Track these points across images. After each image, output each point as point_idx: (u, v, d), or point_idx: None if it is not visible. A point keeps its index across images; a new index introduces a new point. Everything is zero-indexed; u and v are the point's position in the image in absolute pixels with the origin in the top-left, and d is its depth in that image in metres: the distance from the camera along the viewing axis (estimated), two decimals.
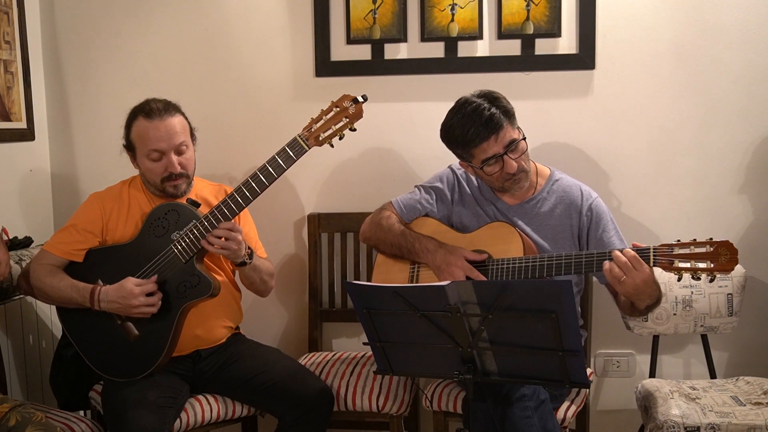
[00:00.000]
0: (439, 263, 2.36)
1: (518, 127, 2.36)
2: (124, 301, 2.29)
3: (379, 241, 2.55)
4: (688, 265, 2.03)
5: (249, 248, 2.41)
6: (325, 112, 2.32)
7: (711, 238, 2.03)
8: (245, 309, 2.71)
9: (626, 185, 2.82)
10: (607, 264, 2.11)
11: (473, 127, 2.28)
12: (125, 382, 2.34)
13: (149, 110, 2.40)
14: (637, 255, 2.07)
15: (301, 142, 2.32)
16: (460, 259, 2.33)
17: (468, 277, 2.29)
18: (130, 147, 2.45)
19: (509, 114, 2.32)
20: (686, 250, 2.04)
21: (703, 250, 2.02)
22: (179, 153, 2.41)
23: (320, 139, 2.31)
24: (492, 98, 2.31)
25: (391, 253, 2.52)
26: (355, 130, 2.32)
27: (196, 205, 2.38)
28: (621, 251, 2.09)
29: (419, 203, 2.56)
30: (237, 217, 2.38)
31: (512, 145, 2.31)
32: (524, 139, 2.35)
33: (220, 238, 2.30)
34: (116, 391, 2.33)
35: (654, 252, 2.08)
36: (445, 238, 2.44)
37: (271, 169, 2.32)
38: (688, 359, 2.89)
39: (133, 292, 2.28)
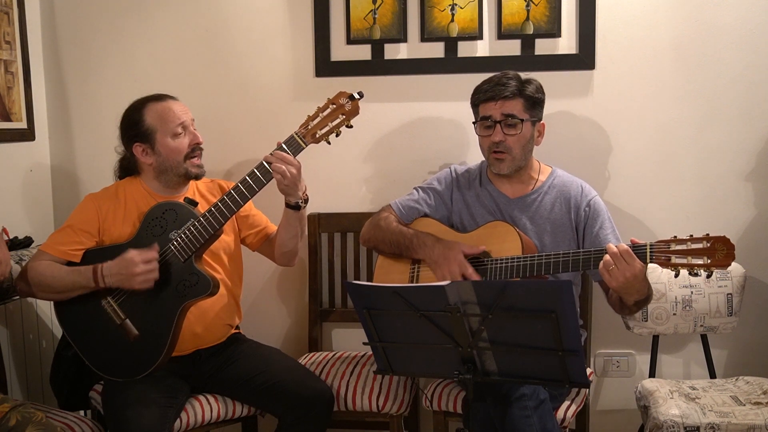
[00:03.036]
0: (436, 257, 2.36)
1: (535, 118, 2.43)
2: (126, 270, 2.26)
3: (378, 241, 2.55)
4: (684, 261, 2.03)
5: (306, 194, 2.44)
6: (321, 110, 2.33)
7: (708, 234, 2.03)
8: (245, 309, 2.71)
9: (626, 185, 2.82)
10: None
11: (487, 84, 2.42)
12: (125, 382, 2.34)
13: (155, 96, 2.48)
14: (629, 249, 2.09)
15: (298, 140, 2.32)
16: (458, 254, 2.34)
17: (463, 275, 2.30)
18: (145, 137, 2.43)
19: (526, 95, 2.39)
20: (683, 246, 2.05)
21: (699, 245, 2.03)
22: None
23: (317, 136, 2.32)
24: (524, 79, 2.43)
25: (390, 251, 2.52)
26: (351, 126, 2.33)
27: (194, 203, 2.38)
28: (616, 246, 2.11)
29: (418, 203, 2.57)
30: (239, 212, 2.39)
31: (510, 119, 2.37)
32: (525, 123, 2.38)
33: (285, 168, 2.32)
34: (116, 391, 2.33)
35: (651, 248, 2.08)
36: (444, 238, 2.45)
37: (268, 166, 2.32)
38: (688, 359, 2.89)
39: (134, 260, 2.26)
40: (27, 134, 2.97)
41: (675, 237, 2.07)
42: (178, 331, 2.35)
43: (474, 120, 2.49)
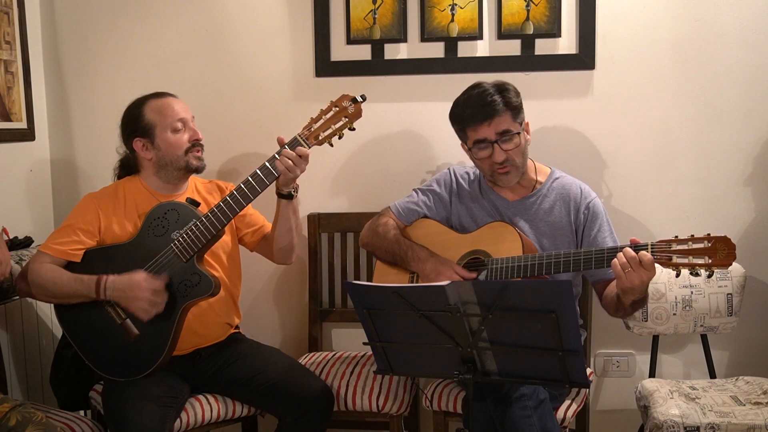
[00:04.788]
0: (428, 272, 2.37)
1: (521, 122, 2.38)
2: (129, 291, 2.27)
3: (375, 247, 2.56)
4: (686, 260, 2.04)
5: (297, 184, 2.44)
6: (324, 112, 2.34)
7: (709, 234, 2.04)
8: (245, 309, 2.71)
9: (626, 185, 2.82)
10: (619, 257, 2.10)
11: (471, 107, 2.34)
12: (125, 382, 2.34)
13: (156, 93, 2.50)
14: (653, 258, 2.05)
15: (302, 142, 2.33)
16: (449, 269, 2.34)
17: None
18: (145, 131, 2.44)
19: (512, 106, 2.34)
20: (684, 246, 2.05)
21: (701, 245, 2.03)
22: None
23: (320, 138, 2.34)
24: (502, 88, 2.36)
25: (386, 260, 2.53)
26: (354, 129, 2.34)
27: (196, 204, 2.38)
28: (636, 253, 2.07)
29: (417, 206, 2.56)
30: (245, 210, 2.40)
31: (505, 135, 2.33)
32: (519, 134, 2.36)
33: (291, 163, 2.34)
34: (117, 390, 2.33)
35: (652, 248, 2.08)
36: (444, 239, 2.45)
37: (270, 168, 2.33)
38: (688, 359, 2.89)
39: (140, 285, 2.27)
40: (27, 134, 2.97)
41: (676, 237, 2.07)
42: (179, 331, 2.35)
43: (463, 142, 2.43)
